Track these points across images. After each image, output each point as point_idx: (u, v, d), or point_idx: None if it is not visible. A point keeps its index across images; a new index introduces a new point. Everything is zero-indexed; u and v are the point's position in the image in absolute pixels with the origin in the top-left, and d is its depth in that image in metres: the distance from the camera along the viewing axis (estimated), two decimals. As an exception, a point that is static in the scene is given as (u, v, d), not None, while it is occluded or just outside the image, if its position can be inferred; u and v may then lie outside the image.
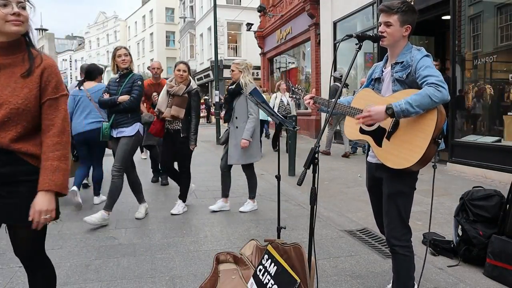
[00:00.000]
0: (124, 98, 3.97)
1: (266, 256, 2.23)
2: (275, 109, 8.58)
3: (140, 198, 4.33)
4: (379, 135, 2.12)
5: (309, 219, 1.90)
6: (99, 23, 51.51)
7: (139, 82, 4.06)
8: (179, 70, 4.28)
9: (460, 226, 3.01)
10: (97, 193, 4.89)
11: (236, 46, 26.56)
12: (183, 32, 31.27)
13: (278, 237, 3.08)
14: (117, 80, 4.11)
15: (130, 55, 4.10)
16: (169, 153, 4.45)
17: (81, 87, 4.69)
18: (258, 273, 2.23)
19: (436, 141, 1.93)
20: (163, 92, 4.39)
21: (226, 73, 24.64)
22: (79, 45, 59.86)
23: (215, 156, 9.37)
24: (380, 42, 2.13)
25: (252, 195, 4.59)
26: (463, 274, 2.79)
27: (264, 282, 2.14)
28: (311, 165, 1.82)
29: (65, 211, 4.47)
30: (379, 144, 2.10)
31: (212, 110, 17.90)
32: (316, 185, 1.84)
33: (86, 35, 54.95)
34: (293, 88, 2.62)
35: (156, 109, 4.39)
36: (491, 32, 6.46)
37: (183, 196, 4.52)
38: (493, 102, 6.44)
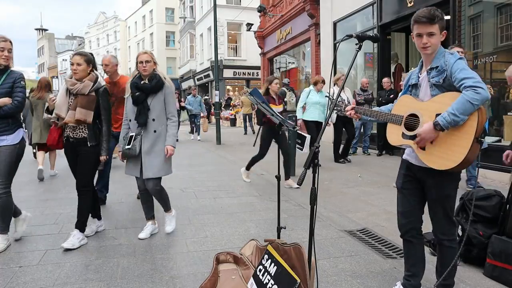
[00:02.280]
0: (5, 101, 3.20)
1: (266, 256, 2.23)
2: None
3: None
4: None
5: (309, 219, 1.90)
6: (99, 23, 51.47)
7: (23, 83, 3.36)
8: (72, 64, 3.40)
9: (460, 226, 3.01)
10: None
11: (236, 46, 26.55)
12: (183, 32, 31.26)
13: (278, 237, 3.07)
14: None
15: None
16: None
17: None
18: (258, 273, 2.23)
19: (479, 140, 1.98)
20: (62, 91, 3.51)
21: (226, 73, 24.70)
22: (79, 45, 59.78)
23: (215, 156, 9.38)
24: (424, 52, 2.16)
25: (168, 207, 3.85)
26: (463, 274, 2.79)
27: (264, 282, 2.14)
28: (311, 165, 1.82)
29: (65, 211, 4.48)
30: (422, 147, 2.15)
31: (212, 110, 17.98)
32: (316, 185, 1.84)
33: (86, 35, 54.91)
34: (334, 101, 2.66)
35: (53, 114, 3.49)
36: (491, 32, 6.46)
37: (82, 224, 3.45)
38: (493, 102, 6.44)
